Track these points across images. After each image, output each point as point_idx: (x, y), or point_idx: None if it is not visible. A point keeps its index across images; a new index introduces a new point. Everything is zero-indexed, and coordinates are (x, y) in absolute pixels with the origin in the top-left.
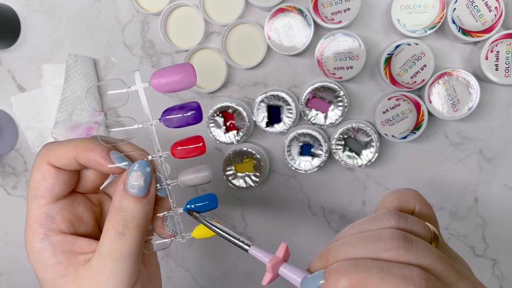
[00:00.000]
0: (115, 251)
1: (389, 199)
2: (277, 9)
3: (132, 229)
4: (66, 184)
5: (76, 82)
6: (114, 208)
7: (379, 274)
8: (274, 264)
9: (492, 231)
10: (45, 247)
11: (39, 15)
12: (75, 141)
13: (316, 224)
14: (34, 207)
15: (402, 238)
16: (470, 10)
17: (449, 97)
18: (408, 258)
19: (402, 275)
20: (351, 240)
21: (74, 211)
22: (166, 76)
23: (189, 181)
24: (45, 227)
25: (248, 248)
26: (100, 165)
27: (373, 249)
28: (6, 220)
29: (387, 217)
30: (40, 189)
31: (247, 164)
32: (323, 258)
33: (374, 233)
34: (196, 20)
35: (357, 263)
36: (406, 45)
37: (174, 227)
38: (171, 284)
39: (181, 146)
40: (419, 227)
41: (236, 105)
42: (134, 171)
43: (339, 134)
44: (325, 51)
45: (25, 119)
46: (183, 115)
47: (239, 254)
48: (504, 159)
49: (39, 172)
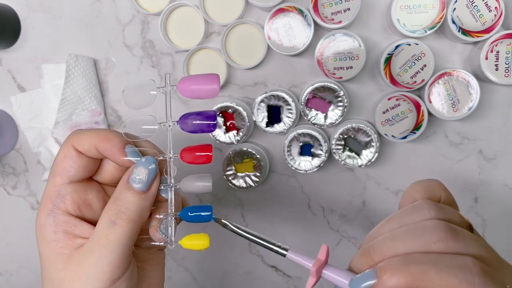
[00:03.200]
0: (103, 238)
1: (415, 190)
2: (277, 9)
3: (124, 220)
4: (83, 168)
5: (77, 82)
6: (113, 197)
7: (435, 267)
8: (318, 268)
9: (492, 231)
10: (49, 222)
11: (39, 15)
12: (99, 130)
13: (316, 224)
14: (51, 184)
15: (448, 228)
16: (470, 10)
17: (449, 97)
18: (458, 248)
19: (458, 265)
20: (395, 235)
21: (85, 196)
22: (192, 83)
23: (189, 186)
24: (53, 204)
25: (286, 253)
26: (115, 155)
27: (421, 242)
28: (6, 220)
29: (425, 208)
30: (59, 168)
31: (247, 164)
32: (366, 256)
33: (418, 226)
34: (196, 20)
35: (409, 258)
36: (406, 45)
37: (166, 231)
38: (171, 284)
39: (190, 151)
40: (457, 217)
41: (236, 105)
42: (139, 165)
43: (339, 134)
44: (325, 51)
45: (25, 119)
46: (200, 121)
47: (239, 254)
48: (504, 159)
49: (62, 152)
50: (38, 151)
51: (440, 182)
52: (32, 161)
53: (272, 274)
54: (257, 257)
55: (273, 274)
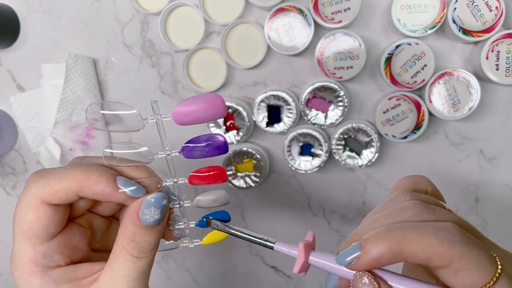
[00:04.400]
0: (133, 272)
1: (403, 183)
2: (277, 9)
3: (148, 253)
4: (62, 221)
5: (76, 82)
6: (128, 237)
7: (416, 230)
8: (305, 245)
9: (493, 231)
10: (47, 282)
11: (39, 15)
12: (73, 172)
13: (316, 224)
14: (27, 247)
15: (423, 205)
16: (471, 10)
17: (449, 97)
18: (435, 218)
19: (438, 227)
20: (374, 218)
21: (71, 244)
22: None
23: (205, 205)
24: (42, 265)
25: (273, 245)
26: (109, 196)
27: (399, 219)
28: (5, 220)
29: (402, 196)
30: (34, 230)
31: (247, 164)
32: (350, 241)
33: (395, 207)
34: (196, 20)
35: (391, 226)
36: (406, 45)
37: (183, 231)
38: (171, 284)
39: (201, 179)
40: (433, 201)
41: (236, 105)
42: (150, 205)
43: (339, 134)
44: (325, 51)
45: (25, 119)
46: (207, 152)
47: (239, 255)
48: (505, 159)
49: (32, 213)
50: (38, 151)
51: (427, 177)
52: (32, 161)
53: (272, 274)
54: (257, 257)
55: (273, 274)
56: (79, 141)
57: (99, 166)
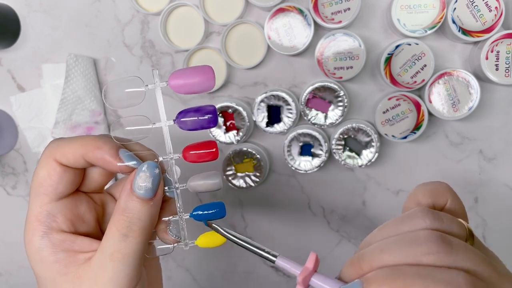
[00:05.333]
0: (117, 252)
1: (421, 193)
2: (277, 9)
3: (136, 231)
4: (71, 183)
5: (76, 82)
6: (119, 208)
7: (422, 282)
8: (305, 277)
9: (493, 231)
10: (45, 244)
11: (39, 15)
12: (83, 138)
13: (316, 224)
14: (36, 204)
15: (440, 241)
16: (470, 10)
17: (449, 97)
18: (449, 261)
19: (447, 281)
20: (385, 245)
21: (76, 210)
22: (184, 77)
23: (198, 186)
24: (45, 225)
25: (275, 260)
26: (109, 163)
27: (411, 253)
28: (5, 220)
29: (420, 217)
30: (44, 186)
31: (247, 164)
32: (355, 266)
33: (410, 236)
34: (196, 20)
35: (396, 271)
36: (406, 45)
37: (178, 232)
38: (171, 284)
39: (193, 150)
40: (454, 226)
41: (236, 105)
42: (142, 172)
43: (339, 134)
44: (325, 51)
45: (25, 119)
46: (199, 118)
47: (239, 254)
48: (505, 159)
49: (44, 169)
50: (38, 151)
51: (448, 185)
52: (32, 161)
53: (272, 274)
54: (257, 257)
55: (273, 274)
56: None
57: (107, 136)
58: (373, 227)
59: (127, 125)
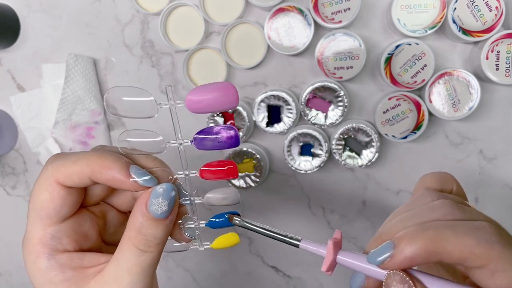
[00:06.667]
0: (135, 266)
1: (429, 179)
2: (277, 9)
3: (153, 247)
4: (74, 204)
5: (76, 82)
6: (135, 228)
7: (452, 229)
8: (334, 243)
9: None
10: (52, 265)
11: (39, 15)
12: (88, 156)
13: (316, 224)
14: (38, 227)
15: (455, 204)
16: (471, 10)
17: (449, 97)
18: (469, 217)
19: (474, 226)
20: (404, 217)
21: (80, 229)
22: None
23: (215, 202)
24: (50, 247)
25: (299, 243)
26: (120, 182)
27: (431, 218)
28: (6, 220)
29: (429, 196)
30: (46, 210)
31: (247, 164)
32: (378, 240)
33: (426, 206)
34: (196, 20)
35: (425, 225)
36: (406, 45)
37: (193, 232)
38: (171, 284)
39: (212, 173)
40: (461, 202)
41: None
42: (158, 195)
43: (339, 134)
44: (325, 51)
45: (25, 119)
46: (218, 142)
47: (239, 255)
48: (505, 159)
49: (46, 192)
50: (38, 151)
51: (452, 175)
52: (32, 161)
53: (272, 274)
54: (257, 257)
55: (273, 274)
56: (79, 141)
57: (114, 153)
58: (373, 227)
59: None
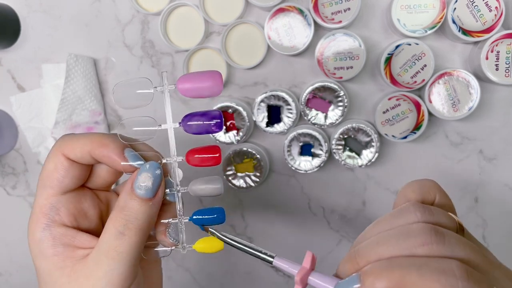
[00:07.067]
0: (112, 250)
1: (410, 190)
2: (277, 9)
3: (133, 230)
4: (76, 177)
5: (77, 82)
6: (118, 206)
7: (418, 271)
8: (302, 276)
9: (492, 231)
10: (46, 237)
11: (39, 15)
12: (91, 135)
13: (316, 224)
14: (42, 196)
15: (433, 232)
16: (471, 10)
17: (449, 97)
18: (443, 251)
19: (442, 269)
20: (380, 239)
21: (80, 205)
22: (193, 81)
23: (199, 190)
24: (48, 217)
25: (272, 260)
26: (113, 161)
27: (405, 246)
28: (6, 220)
29: (412, 211)
30: (50, 179)
31: (247, 164)
32: (352, 261)
33: (403, 229)
34: (196, 20)
35: (392, 262)
36: (406, 45)
37: (176, 235)
38: (171, 284)
39: (196, 154)
40: (445, 219)
41: (236, 105)
42: (144, 171)
43: (339, 134)
44: (325, 51)
45: (25, 119)
46: (204, 122)
47: (239, 254)
48: (505, 159)
49: (52, 162)
50: (38, 151)
51: (436, 182)
52: (32, 161)
53: (272, 274)
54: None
55: (273, 274)
56: None
57: (114, 135)
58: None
59: (133, 126)
